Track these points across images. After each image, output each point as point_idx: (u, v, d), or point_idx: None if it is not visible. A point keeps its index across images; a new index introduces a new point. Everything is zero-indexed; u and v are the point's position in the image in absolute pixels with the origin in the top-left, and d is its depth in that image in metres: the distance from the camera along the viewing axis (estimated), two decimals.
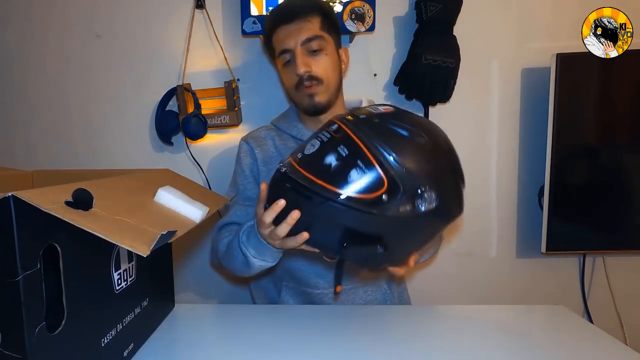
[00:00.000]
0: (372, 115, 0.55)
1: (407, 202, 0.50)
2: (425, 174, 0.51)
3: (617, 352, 0.55)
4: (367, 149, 0.50)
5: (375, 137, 0.51)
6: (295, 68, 0.77)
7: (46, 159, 1.19)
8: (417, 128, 0.53)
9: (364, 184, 0.50)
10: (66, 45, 1.16)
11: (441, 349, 0.57)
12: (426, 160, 0.52)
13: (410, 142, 0.52)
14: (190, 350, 0.57)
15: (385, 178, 0.49)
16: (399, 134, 0.52)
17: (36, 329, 0.36)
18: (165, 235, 0.39)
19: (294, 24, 0.77)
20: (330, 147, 0.52)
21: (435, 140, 0.54)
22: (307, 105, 0.81)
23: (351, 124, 0.53)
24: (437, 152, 0.54)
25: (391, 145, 0.50)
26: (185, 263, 1.22)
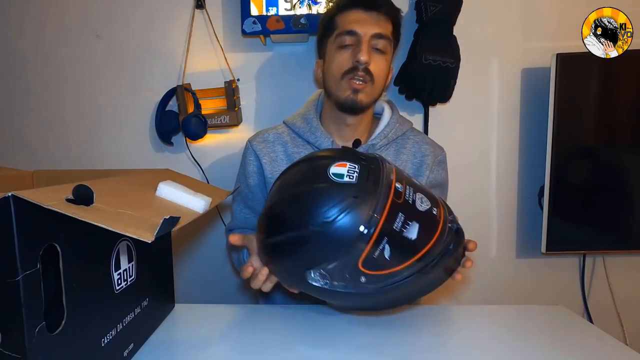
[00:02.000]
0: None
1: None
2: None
3: (617, 352, 0.55)
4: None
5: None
6: (358, 53, 0.71)
7: (46, 159, 1.19)
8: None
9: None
10: (66, 46, 1.16)
11: (441, 348, 0.57)
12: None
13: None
14: (190, 350, 0.57)
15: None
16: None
17: (36, 329, 0.35)
18: (168, 220, 0.39)
19: (373, 14, 0.73)
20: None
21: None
22: (346, 98, 0.74)
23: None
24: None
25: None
26: (185, 263, 1.22)
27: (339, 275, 0.49)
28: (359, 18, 0.73)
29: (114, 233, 0.35)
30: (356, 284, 0.49)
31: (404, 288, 0.50)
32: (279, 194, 0.55)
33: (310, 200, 0.50)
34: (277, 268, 0.57)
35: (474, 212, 1.19)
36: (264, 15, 1.04)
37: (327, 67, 0.77)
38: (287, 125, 0.85)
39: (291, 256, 0.51)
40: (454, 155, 1.17)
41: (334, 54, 0.76)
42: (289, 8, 1.04)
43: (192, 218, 0.47)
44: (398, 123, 0.83)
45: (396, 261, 0.48)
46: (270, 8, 1.04)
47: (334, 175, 0.51)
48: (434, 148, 0.85)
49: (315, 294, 0.54)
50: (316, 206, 0.49)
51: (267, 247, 0.55)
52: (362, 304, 0.55)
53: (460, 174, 1.17)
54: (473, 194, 1.19)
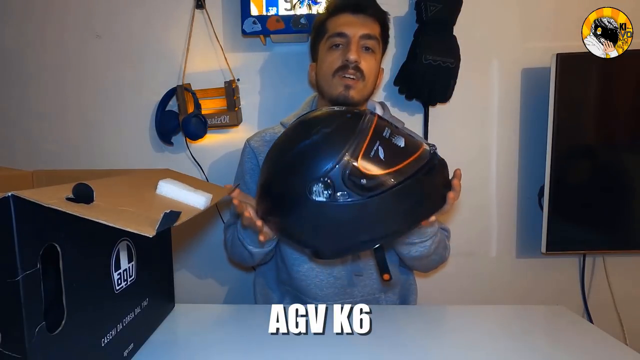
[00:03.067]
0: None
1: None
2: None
3: (617, 352, 0.55)
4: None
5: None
6: (348, 53, 0.76)
7: (46, 159, 1.19)
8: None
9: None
10: (66, 46, 1.16)
11: (441, 348, 0.57)
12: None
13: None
14: (190, 350, 0.57)
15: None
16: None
17: (36, 329, 0.35)
18: (169, 214, 0.39)
19: (361, 17, 0.78)
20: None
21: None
22: (338, 95, 0.78)
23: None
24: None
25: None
26: (185, 263, 1.22)
27: (341, 181, 0.51)
28: (348, 21, 0.78)
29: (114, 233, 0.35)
30: (358, 190, 0.51)
31: (402, 197, 0.53)
32: (274, 142, 0.61)
33: (306, 122, 0.58)
34: (280, 202, 0.57)
35: (474, 212, 1.19)
36: (264, 15, 1.04)
37: (320, 68, 0.82)
38: (284, 126, 0.88)
39: (294, 175, 0.54)
40: (453, 155, 1.16)
41: (326, 54, 0.80)
42: (289, 8, 1.04)
43: (192, 214, 0.47)
44: (391, 120, 0.86)
45: (391, 162, 0.52)
46: (270, 8, 1.04)
47: (327, 108, 0.59)
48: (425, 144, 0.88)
49: (316, 225, 0.54)
50: (313, 124, 0.55)
51: (269, 183, 0.57)
52: (361, 225, 0.54)
53: None
54: (473, 194, 1.19)
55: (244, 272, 1.21)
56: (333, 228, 0.55)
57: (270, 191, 0.58)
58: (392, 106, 1.16)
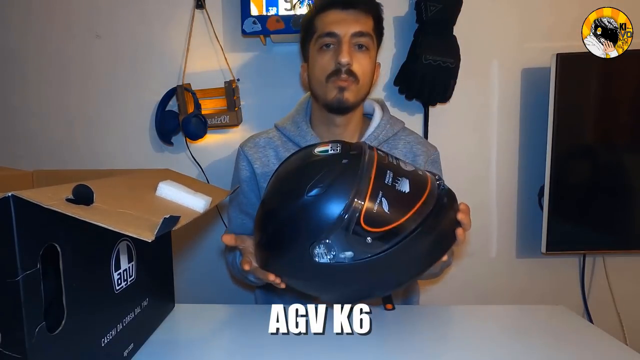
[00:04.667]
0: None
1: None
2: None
3: (617, 352, 0.55)
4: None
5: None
6: (339, 55, 0.71)
7: (46, 159, 1.19)
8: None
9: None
10: (66, 45, 1.16)
11: (441, 348, 0.57)
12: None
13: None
14: (190, 350, 0.57)
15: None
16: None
17: (36, 329, 0.35)
18: (168, 219, 0.39)
19: (351, 13, 0.72)
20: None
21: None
22: (333, 99, 0.74)
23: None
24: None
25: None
26: (185, 263, 1.22)
27: (344, 241, 0.48)
28: (337, 18, 0.73)
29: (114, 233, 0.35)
30: (363, 249, 0.48)
31: (410, 249, 0.49)
32: (270, 188, 0.58)
33: (298, 176, 0.53)
34: (280, 260, 0.55)
35: (474, 212, 1.17)
36: (264, 15, 1.04)
37: (311, 70, 0.77)
38: (278, 129, 0.85)
39: (293, 236, 0.51)
40: (453, 155, 1.17)
41: (316, 56, 0.75)
42: (289, 8, 1.04)
43: (192, 217, 0.47)
44: (389, 124, 0.83)
45: (396, 213, 0.48)
46: (270, 8, 1.04)
47: (319, 152, 0.54)
48: (426, 148, 0.85)
49: (321, 283, 0.52)
50: (306, 178, 0.50)
51: (267, 240, 0.54)
52: (370, 283, 0.52)
53: (459, 174, 1.17)
54: (473, 194, 1.19)
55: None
56: (339, 286, 0.53)
57: (268, 250, 0.55)
58: (392, 106, 1.16)
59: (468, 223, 0.56)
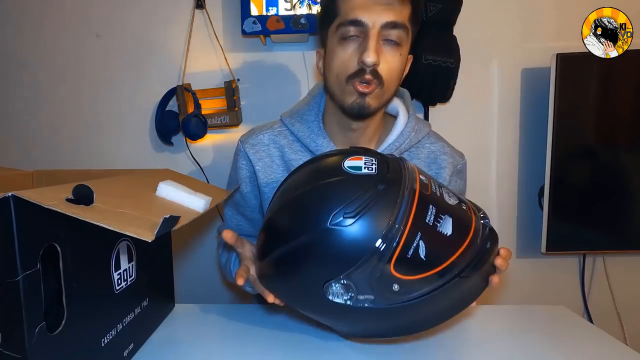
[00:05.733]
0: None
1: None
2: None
3: (617, 352, 0.55)
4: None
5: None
6: (364, 53, 0.57)
7: (46, 159, 1.19)
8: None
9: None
10: (66, 45, 1.16)
11: (441, 348, 0.57)
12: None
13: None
14: (190, 350, 0.56)
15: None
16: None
17: (36, 329, 0.35)
18: (168, 219, 0.39)
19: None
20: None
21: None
22: (351, 104, 0.61)
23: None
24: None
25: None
26: (185, 263, 1.22)
27: (367, 284, 0.40)
28: (366, 2, 0.57)
29: (114, 233, 0.35)
30: (387, 296, 0.41)
31: (440, 299, 0.42)
32: (283, 199, 0.48)
33: (325, 195, 0.43)
34: (285, 287, 0.47)
35: None
36: (264, 15, 1.04)
37: (329, 63, 0.63)
38: (285, 124, 0.74)
39: (306, 267, 0.43)
40: None
41: (336, 48, 0.61)
42: (289, 8, 1.04)
43: (192, 217, 0.47)
44: (414, 132, 0.71)
45: (433, 261, 0.41)
46: (270, 8, 1.04)
47: (349, 168, 0.44)
48: (452, 158, 0.75)
49: (331, 318, 0.46)
50: (334, 201, 0.41)
51: (273, 259, 0.46)
52: (387, 327, 0.45)
53: None
54: (473, 194, 1.18)
55: None
56: (351, 324, 0.47)
57: (273, 270, 0.47)
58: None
59: (506, 269, 0.48)
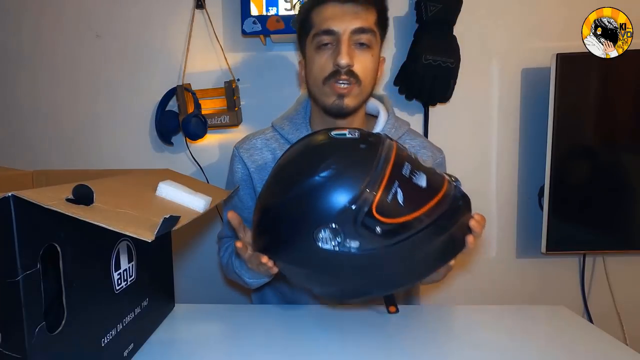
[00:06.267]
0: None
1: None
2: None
3: (617, 352, 0.55)
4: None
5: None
6: (338, 56, 0.65)
7: (46, 159, 1.19)
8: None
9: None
10: (66, 45, 1.16)
11: (441, 348, 0.57)
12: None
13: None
14: (190, 350, 0.57)
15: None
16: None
17: (36, 329, 0.35)
18: (168, 219, 0.39)
19: (351, 6, 0.66)
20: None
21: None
22: (332, 105, 0.69)
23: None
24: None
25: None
26: (185, 263, 1.22)
27: (352, 228, 0.45)
28: (335, 13, 0.66)
29: (114, 233, 0.35)
30: (371, 239, 0.45)
31: (419, 247, 0.47)
32: (277, 168, 0.54)
33: (311, 155, 0.50)
34: (280, 243, 0.51)
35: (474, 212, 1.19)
36: (264, 15, 1.04)
37: (309, 70, 0.72)
38: (275, 129, 0.81)
39: (298, 217, 0.48)
40: (453, 155, 1.17)
41: (313, 55, 0.69)
42: (289, 8, 1.04)
43: (192, 217, 0.47)
44: (394, 128, 0.79)
45: (411, 207, 0.46)
46: (270, 8, 1.04)
47: (335, 135, 0.51)
48: (432, 152, 0.82)
49: (320, 270, 0.49)
50: (319, 157, 0.48)
51: (268, 220, 0.51)
52: (372, 279, 0.49)
53: (460, 174, 1.16)
54: (473, 194, 1.17)
55: None
56: (340, 278, 0.50)
57: (269, 230, 0.52)
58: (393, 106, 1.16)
59: (480, 232, 0.54)
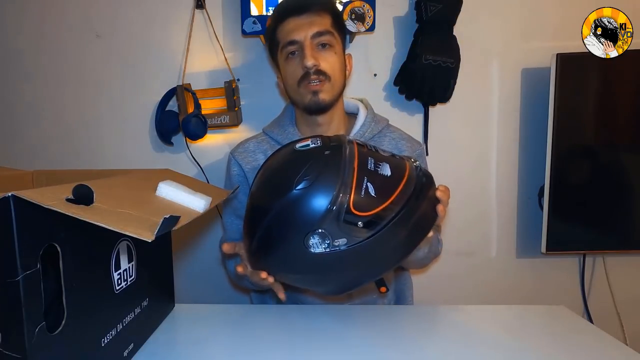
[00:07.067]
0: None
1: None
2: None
3: (617, 352, 0.55)
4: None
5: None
6: (303, 60, 0.73)
7: (46, 159, 1.19)
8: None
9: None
10: (66, 45, 1.16)
11: (441, 349, 0.57)
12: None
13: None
14: (190, 350, 0.57)
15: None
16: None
17: (36, 329, 0.35)
18: (168, 219, 0.39)
19: (306, 17, 0.74)
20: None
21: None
22: (309, 102, 0.76)
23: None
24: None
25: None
26: (185, 263, 1.22)
27: (337, 229, 0.50)
28: (295, 25, 0.75)
29: (114, 233, 0.35)
30: (356, 234, 0.50)
31: (398, 229, 0.52)
32: (256, 188, 0.60)
33: (284, 171, 0.55)
34: (274, 258, 0.55)
35: (474, 212, 1.19)
36: (264, 15, 1.04)
37: (284, 79, 0.80)
38: (266, 133, 0.88)
39: (286, 230, 0.52)
40: (453, 155, 1.17)
41: (285, 65, 0.78)
42: None
43: (192, 217, 0.47)
44: (373, 122, 0.85)
45: (383, 196, 0.51)
46: (270, 8, 1.04)
47: (300, 147, 0.56)
48: (411, 143, 0.86)
49: (316, 272, 0.53)
50: (292, 172, 0.52)
51: (259, 239, 0.55)
52: (365, 269, 0.54)
53: (460, 174, 1.17)
54: (473, 194, 1.19)
55: None
56: (336, 274, 0.54)
57: (262, 249, 0.56)
58: (392, 106, 1.16)
59: (446, 200, 0.58)
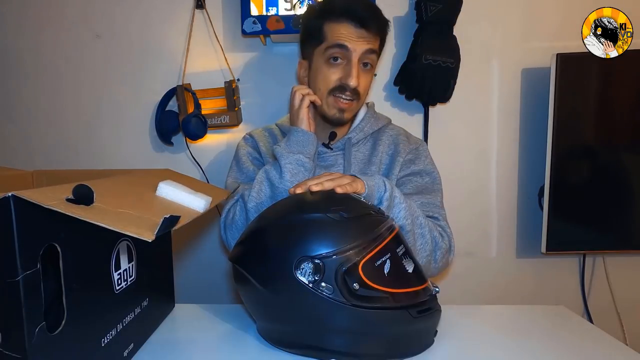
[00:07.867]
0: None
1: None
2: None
3: (617, 352, 0.55)
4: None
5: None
6: (349, 78, 0.73)
7: (46, 159, 1.19)
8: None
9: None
10: (66, 45, 1.16)
11: (441, 348, 0.57)
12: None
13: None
14: (190, 350, 0.57)
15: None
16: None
17: (36, 329, 0.35)
18: (168, 219, 0.39)
19: (364, 32, 0.72)
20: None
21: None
22: (332, 116, 0.78)
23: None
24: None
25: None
26: (185, 263, 1.22)
27: (334, 273, 0.46)
28: (351, 33, 0.72)
29: (114, 233, 0.35)
30: (345, 292, 0.46)
31: (386, 324, 0.48)
32: (283, 200, 0.59)
33: (329, 198, 0.56)
34: (262, 261, 0.51)
35: (475, 212, 1.19)
36: (264, 15, 1.04)
37: (314, 77, 0.78)
38: (279, 127, 0.90)
39: (291, 240, 0.49)
40: (453, 155, 1.17)
41: (322, 66, 0.76)
42: (289, 8, 1.04)
43: (192, 217, 0.47)
44: (373, 118, 0.86)
45: (392, 281, 0.48)
46: (270, 8, 1.04)
47: (354, 197, 0.57)
48: (408, 140, 0.87)
49: (290, 299, 0.49)
50: (332, 201, 0.53)
51: (262, 232, 0.54)
52: (333, 327, 0.49)
53: (460, 174, 1.17)
54: (473, 194, 1.19)
55: None
56: (300, 315, 0.49)
57: (257, 243, 0.53)
58: (392, 106, 1.16)
59: (338, 181, 0.59)
